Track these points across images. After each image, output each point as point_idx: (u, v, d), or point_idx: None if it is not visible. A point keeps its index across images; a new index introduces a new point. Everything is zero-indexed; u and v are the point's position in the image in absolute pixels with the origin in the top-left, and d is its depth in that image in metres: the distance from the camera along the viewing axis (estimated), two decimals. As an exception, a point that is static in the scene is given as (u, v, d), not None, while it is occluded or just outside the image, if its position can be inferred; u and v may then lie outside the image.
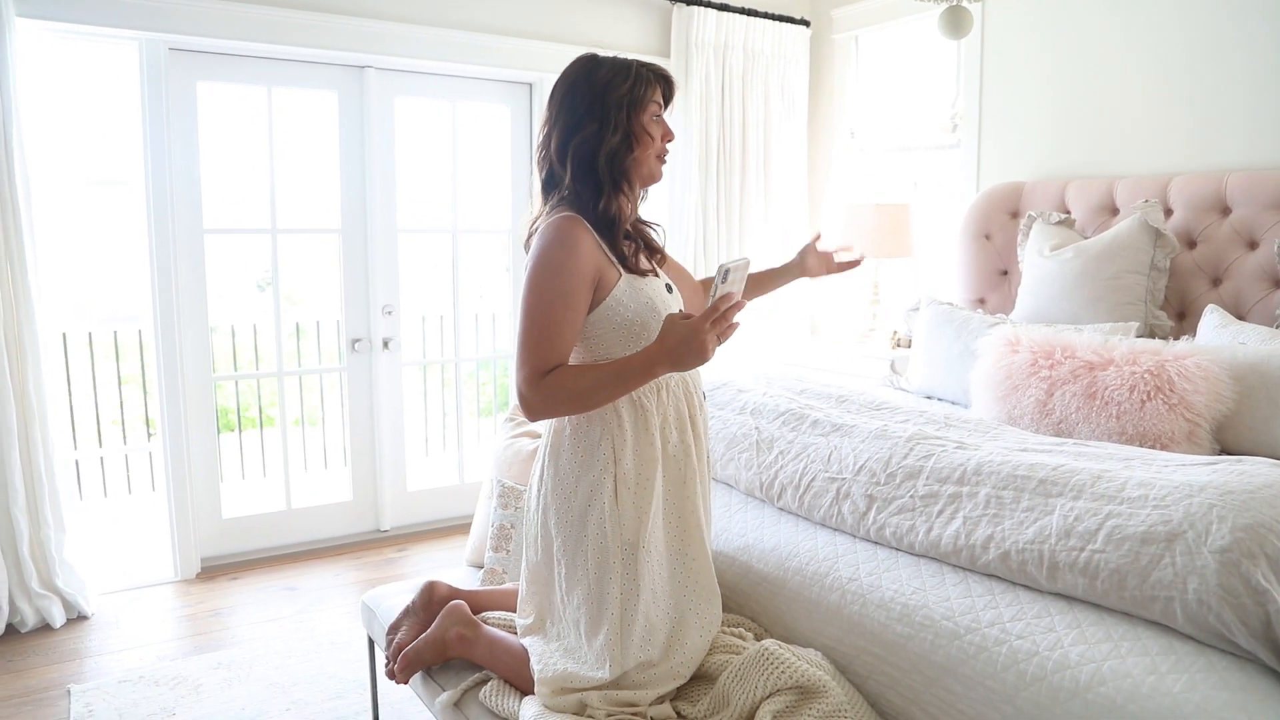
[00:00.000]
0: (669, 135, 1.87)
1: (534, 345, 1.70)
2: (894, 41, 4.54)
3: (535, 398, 1.70)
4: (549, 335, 1.70)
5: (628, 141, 1.79)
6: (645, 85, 1.80)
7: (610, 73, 1.78)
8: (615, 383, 1.69)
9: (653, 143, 1.83)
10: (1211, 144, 3.22)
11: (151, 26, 3.36)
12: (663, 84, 1.85)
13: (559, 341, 1.71)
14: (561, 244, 1.72)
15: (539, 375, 1.69)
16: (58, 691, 2.84)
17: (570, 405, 1.74)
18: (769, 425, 2.49)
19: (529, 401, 1.71)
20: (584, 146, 1.77)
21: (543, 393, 1.69)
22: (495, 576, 2.41)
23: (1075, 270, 3.18)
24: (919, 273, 4.49)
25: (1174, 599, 1.52)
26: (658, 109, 1.84)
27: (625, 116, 1.78)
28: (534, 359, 1.70)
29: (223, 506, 3.91)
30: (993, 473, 1.93)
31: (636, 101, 1.78)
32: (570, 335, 1.73)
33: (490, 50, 4.02)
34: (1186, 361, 2.53)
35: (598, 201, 1.78)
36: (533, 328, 1.70)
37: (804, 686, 1.69)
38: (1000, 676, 1.56)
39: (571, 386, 1.70)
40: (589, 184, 1.78)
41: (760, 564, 2.09)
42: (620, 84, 1.77)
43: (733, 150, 4.49)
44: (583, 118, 1.77)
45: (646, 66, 1.83)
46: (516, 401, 1.77)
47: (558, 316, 1.71)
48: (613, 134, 1.77)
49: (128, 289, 5.32)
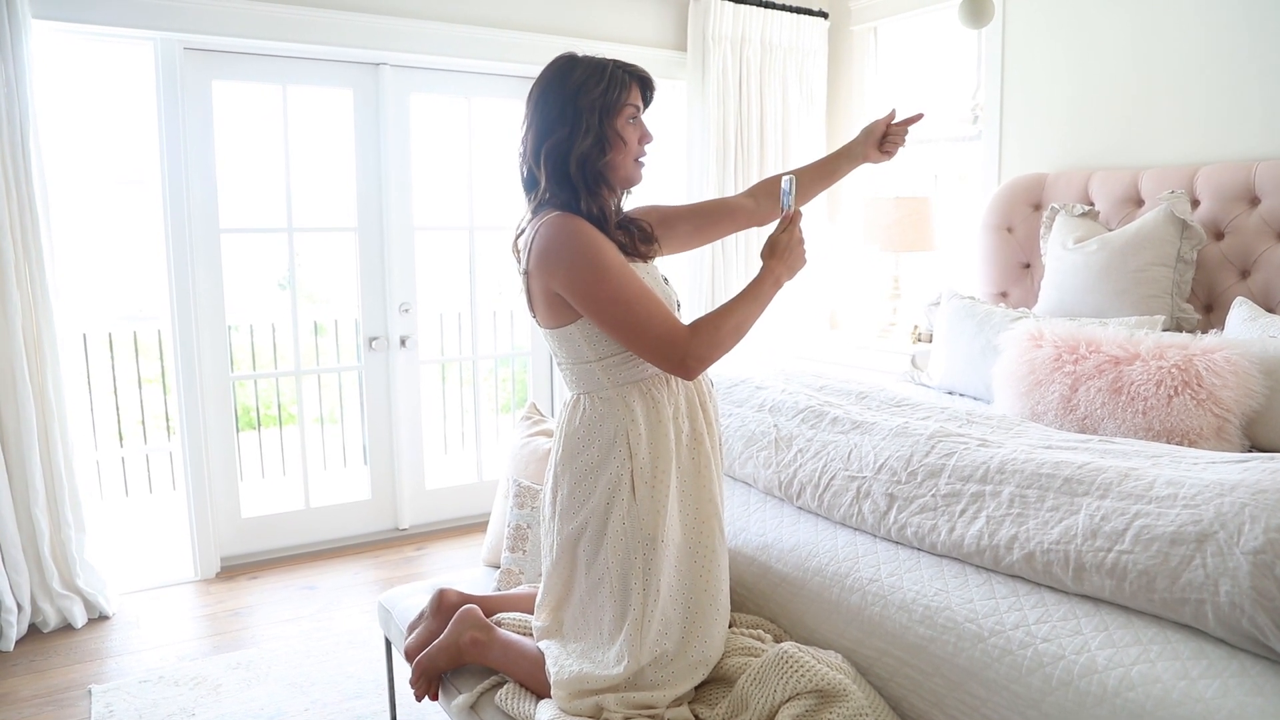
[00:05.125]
0: (647, 138, 1.83)
1: (651, 320, 1.70)
2: (913, 32, 4.49)
3: (695, 353, 1.71)
4: (651, 303, 1.71)
5: (600, 146, 1.75)
6: (620, 88, 1.76)
7: (584, 75, 1.75)
8: (753, 305, 1.79)
9: (627, 147, 1.79)
10: (1239, 132, 3.15)
11: (166, 26, 3.36)
12: (640, 85, 1.81)
13: (660, 306, 1.73)
14: (579, 233, 1.71)
15: (684, 338, 1.71)
16: (79, 691, 2.85)
17: (729, 343, 1.77)
18: (788, 423, 2.46)
19: (695, 361, 1.72)
20: (555, 150, 1.75)
21: (701, 347, 1.72)
22: (512, 577, 2.39)
23: (1100, 263, 3.12)
24: (940, 266, 4.44)
25: (1205, 601, 1.48)
26: (635, 111, 1.80)
27: (598, 120, 1.74)
28: (663, 328, 1.70)
29: (242, 506, 3.92)
30: (1016, 471, 1.89)
31: (610, 105, 1.75)
32: (657, 292, 1.78)
33: (505, 45, 4.00)
34: (1215, 355, 2.47)
35: (578, 203, 1.76)
36: (635, 309, 1.70)
37: (824, 690, 1.66)
38: (1025, 680, 1.53)
39: (723, 328, 1.74)
40: (565, 187, 1.76)
41: (779, 564, 2.06)
42: (593, 87, 1.74)
43: (750, 144, 4.45)
44: (555, 121, 1.74)
45: (623, 68, 1.79)
46: (661, 369, 1.77)
47: (639, 286, 1.72)
48: (584, 138, 1.73)
49: (148, 289, 5.35)
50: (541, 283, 1.76)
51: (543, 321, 1.83)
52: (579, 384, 1.84)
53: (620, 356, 1.78)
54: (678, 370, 1.73)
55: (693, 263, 4.39)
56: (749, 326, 1.80)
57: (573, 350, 1.81)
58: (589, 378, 1.81)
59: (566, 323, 1.78)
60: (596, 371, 1.80)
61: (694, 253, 4.36)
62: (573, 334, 1.78)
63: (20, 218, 3.08)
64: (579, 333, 1.78)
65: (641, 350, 1.72)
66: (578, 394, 1.86)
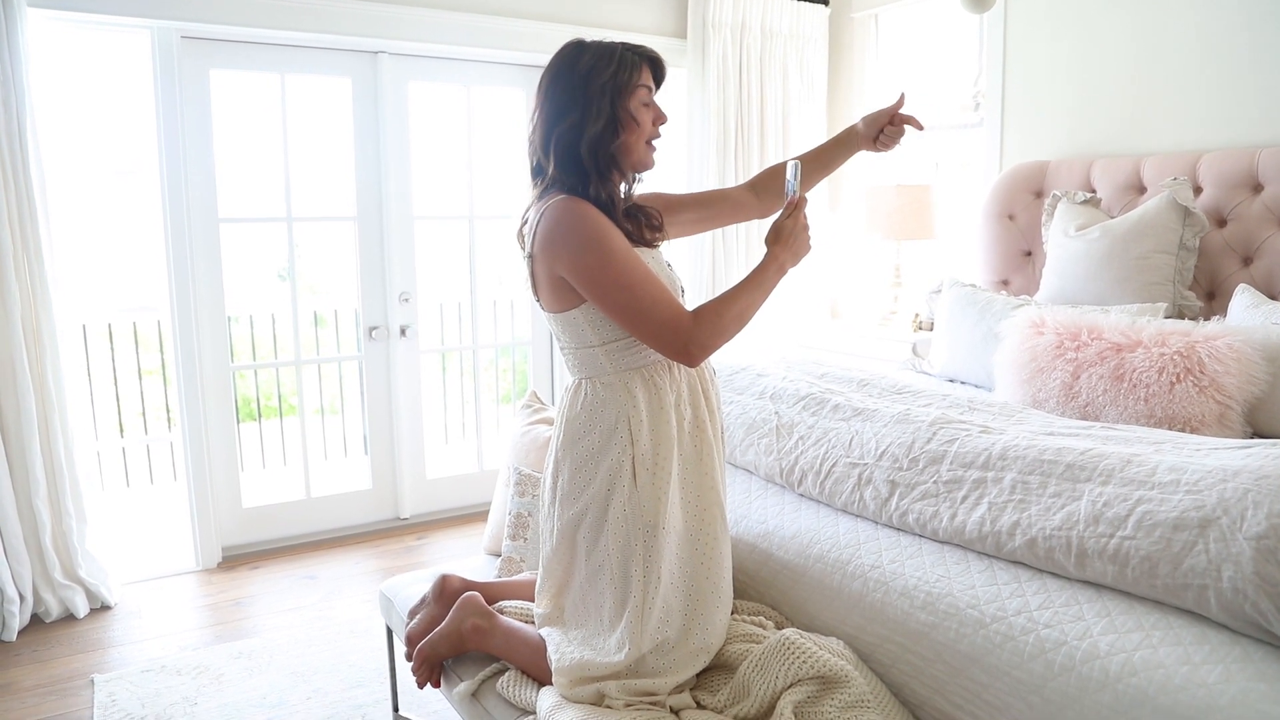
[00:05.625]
0: (661, 118, 1.82)
1: (655, 305, 1.69)
2: (914, 19, 4.46)
3: (699, 340, 1.71)
4: (655, 288, 1.70)
5: (613, 128, 1.74)
6: (631, 70, 1.75)
7: (593, 59, 1.73)
8: (757, 292, 1.77)
9: (640, 128, 1.78)
10: (1242, 119, 3.14)
11: (163, 14, 3.35)
12: (651, 66, 1.79)
13: (664, 292, 1.72)
14: (585, 216, 1.70)
15: (688, 325, 1.70)
16: (82, 681, 2.85)
17: (732, 330, 1.76)
18: (789, 410, 2.45)
19: (698, 348, 1.71)
20: (566, 137, 1.73)
21: (704, 333, 1.71)
22: (513, 565, 2.39)
23: (1101, 250, 3.11)
24: (941, 254, 4.43)
25: (1208, 587, 1.47)
26: (647, 93, 1.79)
27: (609, 103, 1.73)
28: (667, 314, 1.70)
29: (243, 496, 3.92)
30: (1018, 457, 1.89)
31: (621, 87, 1.74)
32: (662, 278, 1.77)
33: (503, 33, 3.99)
34: (1217, 342, 2.47)
35: (586, 188, 1.75)
36: (639, 295, 1.69)
37: (826, 676, 1.66)
38: (1027, 666, 1.53)
39: (726, 315, 1.73)
40: (574, 172, 1.75)
41: (781, 551, 2.06)
42: (603, 70, 1.72)
43: (751, 132, 4.43)
44: (566, 107, 1.73)
45: (632, 49, 1.77)
46: (664, 356, 1.77)
47: (643, 271, 1.71)
48: (595, 121, 1.72)
49: (147, 279, 5.34)
50: (546, 266, 1.75)
51: (546, 305, 1.83)
52: (581, 369, 1.84)
53: (623, 342, 1.78)
54: (680, 356, 1.72)
55: (694, 249, 4.38)
56: (753, 313, 1.79)
57: (576, 334, 1.80)
58: (591, 362, 1.81)
59: (570, 307, 1.77)
60: (599, 356, 1.79)
61: (695, 239, 4.35)
62: (576, 318, 1.78)
63: (18, 209, 3.07)
64: (583, 317, 1.77)
65: (645, 336, 1.72)
66: (579, 379, 1.85)
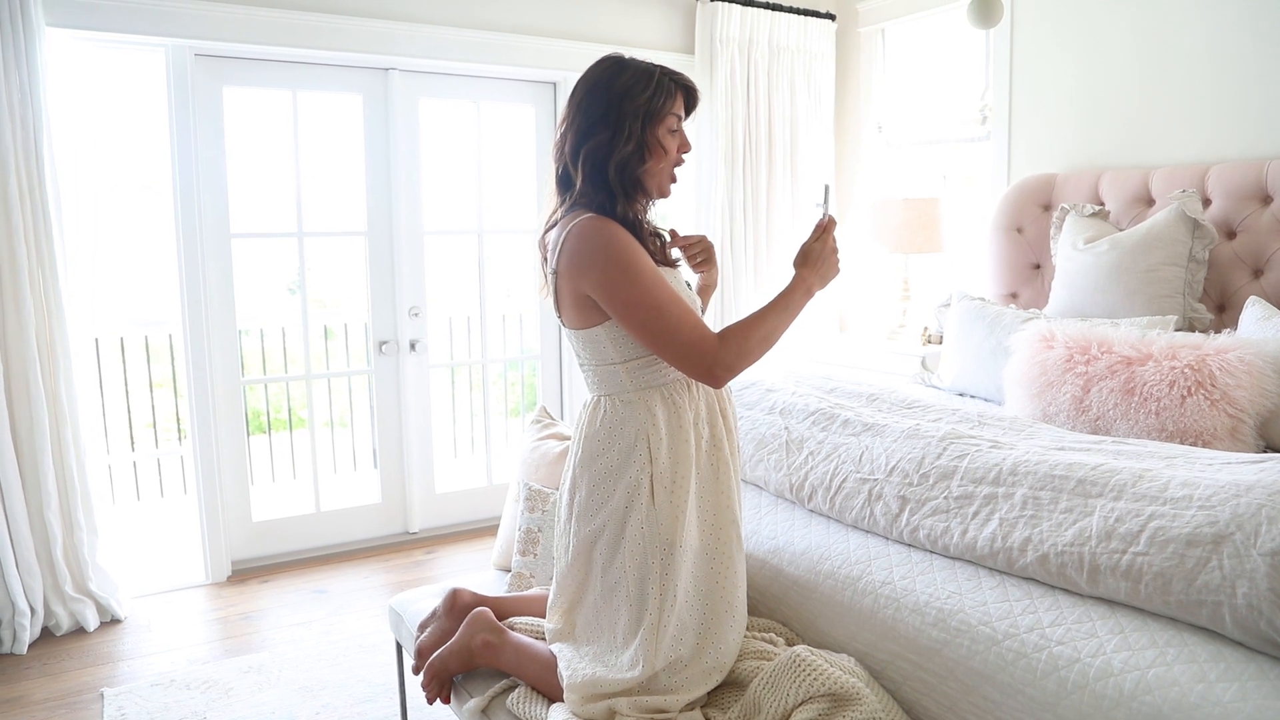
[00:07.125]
0: (685, 147, 1.83)
1: (681, 326, 1.70)
2: (921, 33, 4.48)
3: (724, 361, 1.72)
4: (681, 309, 1.71)
5: (640, 153, 1.76)
6: (665, 96, 1.76)
7: (631, 80, 1.74)
8: (784, 315, 1.79)
9: (667, 155, 1.79)
10: (1251, 131, 3.13)
11: (177, 33, 3.38)
12: (685, 94, 1.81)
13: (690, 313, 1.73)
14: (614, 236, 1.71)
15: (713, 346, 1.71)
16: (91, 695, 2.86)
17: (758, 352, 1.77)
18: (799, 425, 2.45)
19: (723, 369, 1.72)
20: (596, 153, 1.75)
21: (730, 355, 1.72)
22: (522, 580, 2.39)
23: (1110, 263, 3.10)
24: (949, 268, 4.42)
25: (1222, 604, 1.46)
26: (676, 121, 1.80)
27: (640, 127, 1.74)
28: (693, 335, 1.70)
29: (253, 509, 3.93)
30: (1029, 472, 1.88)
31: (654, 113, 1.75)
32: (688, 299, 1.79)
33: (513, 50, 4.01)
34: (1228, 355, 2.46)
35: (613, 207, 1.75)
36: (666, 315, 1.70)
37: (837, 694, 1.65)
38: (1040, 684, 1.52)
39: (753, 337, 1.74)
40: (601, 190, 1.76)
41: (791, 567, 2.05)
42: (640, 93, 1.73)
43: (759, 147, 4.45)
44: (597, 123, 1.74)
45: (670, 76, 1.78)
46: (688, 376, 1.78)
47: (670, 292, 1.72)
48: (625, 144, 1.74)
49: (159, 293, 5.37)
50: (571, 283, 1.76)
51: (569, 322, 1.83)
52: (601, 386, 1.84)
53: (644, 360, 1.78)
54: (705, 378, 1.73)
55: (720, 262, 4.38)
56: (779, 336, 1.80)
57: (597, 351, 1.81)
58: (612, 380, 1.81)
59: (594, 324, 1.78)
60: (620, 374, 1.80)
61: (720, 251, 4.38)
62: (599, 335, 1.78)
63: (34, 224, 3.10)
64: (605, 334, 1.78)
65: (669, 356, 1.72)
66: (599, 396, 1.85)
